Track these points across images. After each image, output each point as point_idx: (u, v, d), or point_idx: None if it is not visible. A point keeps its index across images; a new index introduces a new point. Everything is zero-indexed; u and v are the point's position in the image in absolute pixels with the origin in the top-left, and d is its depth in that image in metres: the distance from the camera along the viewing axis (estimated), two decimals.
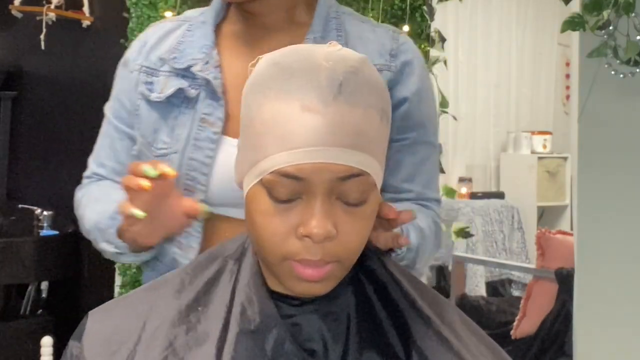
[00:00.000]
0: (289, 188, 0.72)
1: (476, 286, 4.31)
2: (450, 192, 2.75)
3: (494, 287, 4.59)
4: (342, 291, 0.81)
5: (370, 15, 3.43)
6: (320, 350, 0.78)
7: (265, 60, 0.77)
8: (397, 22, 3.54)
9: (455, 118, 3.07)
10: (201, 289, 0.82)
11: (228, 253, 0.85)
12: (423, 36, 3.62)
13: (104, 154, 1.16)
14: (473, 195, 4.75)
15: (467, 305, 3.64)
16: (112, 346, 0.78)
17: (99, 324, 0.80)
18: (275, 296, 0.80)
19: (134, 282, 2.75)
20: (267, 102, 0.73)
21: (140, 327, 0.79)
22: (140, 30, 2.87)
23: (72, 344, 0.80)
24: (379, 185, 0.76)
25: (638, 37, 1.87)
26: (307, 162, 0.70)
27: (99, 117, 1.17)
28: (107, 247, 1.08)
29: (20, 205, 3.35)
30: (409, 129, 1.10)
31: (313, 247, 0.72)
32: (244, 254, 0.83)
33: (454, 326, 0.84)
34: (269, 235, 0.74)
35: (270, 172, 0.72)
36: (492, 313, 3.65)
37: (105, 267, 2.75)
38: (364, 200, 0.74)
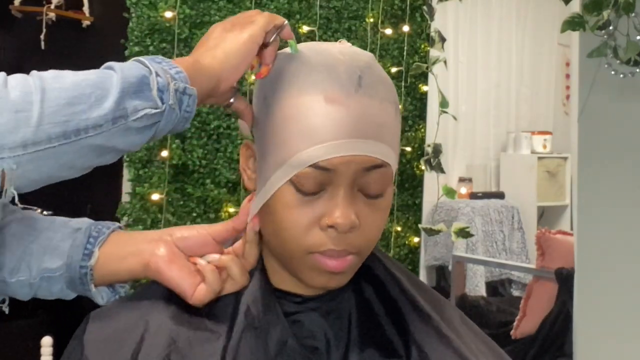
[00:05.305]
0: (317, 180, 0.73)
1: (476, 286, 4.31)
2: (450, 192, 2.75)
3: (494, 287, 4.59)
4: (342, 290, 0.81)
5: (371, 15, 3.43)
6: (322, 347, 0.78)
7: (281, 57, 0.78)
8: (397, 22, 3.55)
9: (455, 118, 3.06)
10: None
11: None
12: (423, 36, 3.63)
13: None
14: (473, 195, 4.75)
15: (467, 305, 3.64)
16: (114, 345, 0.78)
17: (101, 324, 0.80)
18: (278, 294, 0.80)
19: (135, 282, 2.75)
20: (289, 97, 0.74)
21: (143, 325, 0.79)
22: (140, 30, 2.89)
23: (72, 344, 0.80)
24: (393, 179, 0.78)
25: (638, 37, 1.87)
26: (337, 156, 0.72)
27: None
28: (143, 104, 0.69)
29: (20, 206, 3.34)
30: None
31: (337, 238, 0.73)
32: None
33: (453, 323, 0.84)
34: (293, 227, 0.74)
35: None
36: (492, 313, 3.65)
37: None
38: (382, 192, 0.76)
